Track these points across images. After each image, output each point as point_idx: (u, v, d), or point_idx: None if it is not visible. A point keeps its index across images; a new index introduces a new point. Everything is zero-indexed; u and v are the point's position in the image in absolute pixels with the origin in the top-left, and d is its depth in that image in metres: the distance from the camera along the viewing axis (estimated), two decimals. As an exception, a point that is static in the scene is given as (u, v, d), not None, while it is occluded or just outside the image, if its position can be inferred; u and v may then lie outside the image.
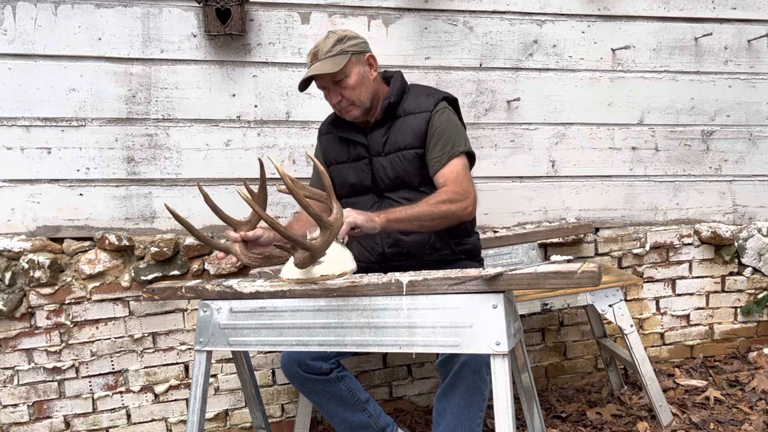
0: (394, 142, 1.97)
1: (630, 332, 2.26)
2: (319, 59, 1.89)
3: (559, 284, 1.30)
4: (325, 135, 2.14)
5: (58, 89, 2.32)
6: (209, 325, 1.64)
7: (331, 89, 1.94)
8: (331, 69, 1.87)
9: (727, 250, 2.85)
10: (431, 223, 1.83)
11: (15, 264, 2.30)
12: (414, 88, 2.06)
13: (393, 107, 1.98)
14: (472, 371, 1.75)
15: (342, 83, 1.91)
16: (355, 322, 1.48)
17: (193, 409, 1.67)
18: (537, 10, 2.61)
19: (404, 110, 1.99)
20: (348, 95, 1.92)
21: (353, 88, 1.92)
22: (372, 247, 2.02)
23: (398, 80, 2.03)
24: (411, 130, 1.95)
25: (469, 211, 1.88)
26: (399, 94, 2.00)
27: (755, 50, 2.80)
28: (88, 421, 2.43)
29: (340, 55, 1.89)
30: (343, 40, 1.91)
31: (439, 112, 1.96)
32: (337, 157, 2.08)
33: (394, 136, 1.97)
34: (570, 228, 2.62)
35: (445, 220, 1.85)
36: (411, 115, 1.97)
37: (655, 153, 2.79)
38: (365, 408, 1.97)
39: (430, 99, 1.98)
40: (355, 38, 1.95)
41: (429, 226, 1.84)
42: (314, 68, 1.89)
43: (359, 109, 1.95)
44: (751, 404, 2.46)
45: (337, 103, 1.95)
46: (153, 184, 2.42)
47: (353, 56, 1.92)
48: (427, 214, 1.80)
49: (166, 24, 2.36)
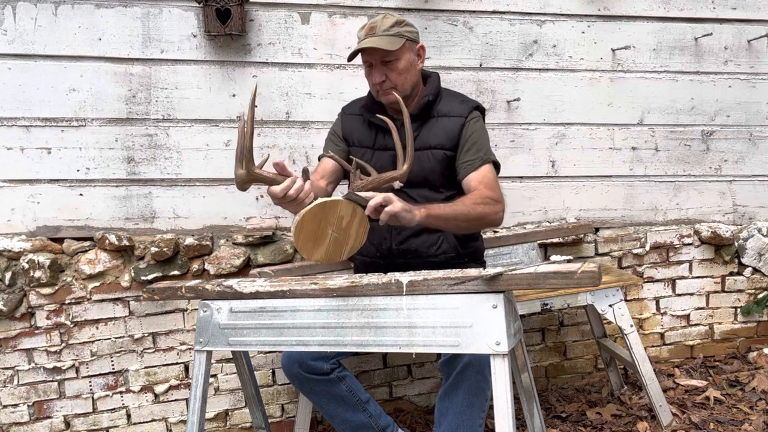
0: (425, 139, 1.99)
1: (630, 332, 2.26)
2: (376, 35, 1.90)
3: (559, 284, 1.30)
4: (350, 115, 2.13)
5: (58, 89, 2.32)
6: (209, 325, 1.64)
7: (377, 67, 1.94)
8: (387, 46, 1.87)
9: (727, 250, 2.85)
10: (466, 224, 1.85)
11: (15, 264, 2.30)
12: (447, 92, 2.10)
13: (429, 106, 2.01)
14: (476, 372, 1.75)
15: (391, 65, 1.92)
16: (355, 322, 1.48)
17: (193, 409, 1.66)
18: (537, 10, 2.61)
19: (438, 111, 2.02)
20: (393, 78, 1.93)
21: (400, 72, 1.93)
22: (380, 243, 2.03)
23: (436, 81, 2.06)
24: (444, 131, 1.98)
25: (500, 217, 1.92)
26: (435, 95, 2.03)
27: (755, 50, 2.80)
28: (88, 421, 2.43)
29: (397, 37, 1.90)
30: (401, 24, 1.94)
31: (474, 120, 2.00)
32: (362, 140, 2.07)
33: (426, 134, 1.99)
34: (570, 228, 2.62)
35: (478, 223, 1.88)
36: (445, 117, 2.00)
37: (655, 153, 2.79)
38: (366, 408, 1.97)
39: (464, 105, 2.02)
40: (411, 26, 1.98)
41: (463, 227, 1.87)
42: (371, 41, 1.89)
43: (399, 94, 1.95)
44: (751, 404, 2.46)
45: (380, 82, 1.95)
46: (153, 184, 2.42)
47: (408, 42, 1.94)
48: (464, 215, 1.83)
49: (166, 24, 2.36)
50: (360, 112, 2.10)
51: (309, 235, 1.62)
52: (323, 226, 1.63)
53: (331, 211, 1.63)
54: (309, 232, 1.62)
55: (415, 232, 1.98)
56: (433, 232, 1.98)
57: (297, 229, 1.60)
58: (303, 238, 1.62)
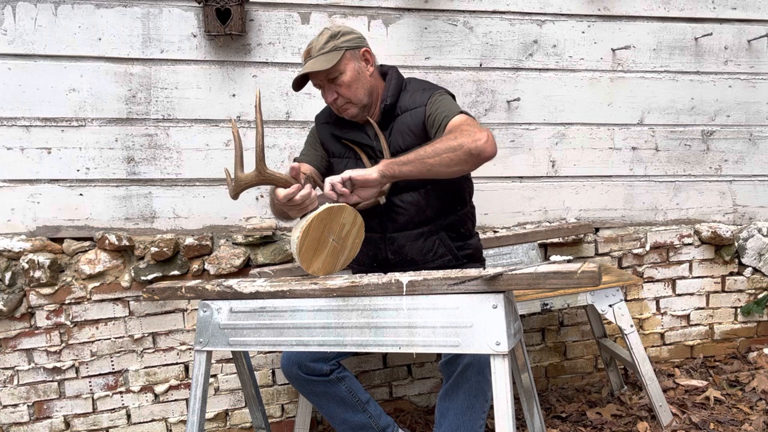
0: (396, 143, 1.91)
1: (630, 332, 2.26)
2: (312, 57, 1.84)
3: (559, 284, 1.30)
4: (323, 124, 2.07)
5: (58, 89, 2.32)
6: (209, 325, 1.64)
7: (327, 87, 1.87)
8: (323, 66, 1.80)
9: (727, 250, 2.85)
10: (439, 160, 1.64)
11: (15, 264, 2.30)
12: (412, 83, 1.99)
13: (391, 108, 1.92)
14: (476, 372, 1.75)
15: (337, 80, 1.84)
16: (355, 322, 1.48)
17: (193, 409, 1.66)
18: (537, 10, 2.61)
19: (401, 108, 1.92)
20: (344, 93, 1.86)
21: (348, 85, 1.85)
22: (375, 253, 1.98)
23: (393, 78, 1.95)
24: (409, 128, 1.89)
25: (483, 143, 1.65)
26: (395, 94, 1.93)
27: (755, 50, 2.80)
28: (88, 421, 2.43)
29: (334, 52, 1.83)
30: (337, 36, 1.85)
31: (434, 98, 1.89)
32: (335, 151, 2.02)
33: (395, 137, 1.91)
34: (570, 228, 2.62)
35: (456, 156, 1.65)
36: (407, 113, 1.91)
37: (655, 153, 2.79)
38: (366, 409, 1.97)
39: (425, 93, 1.91)
40: (350, 33, 1.89)
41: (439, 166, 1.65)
42: (307, 66, 1.83)
43: (357, 107, 1.89)
44: (751, 404, 2.46)
45: (333, 101, 1.88)
46: (153, 184, 2.42)
47: (347, 52, 1.85)
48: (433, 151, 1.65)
49: (166, 24, 2.36)
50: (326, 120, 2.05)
51: (311, 243, 1.60)
52: (325, 235, 1.62)
53: (337, 217, 1.62)
54: (312, 239, 1.60)
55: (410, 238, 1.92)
56: (427, 237, 1.92)
57: (303, 234, 1.57)
58: (306, 246, 1.59)
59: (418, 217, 1.91)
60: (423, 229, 1.92)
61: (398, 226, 1.92)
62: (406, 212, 1.90)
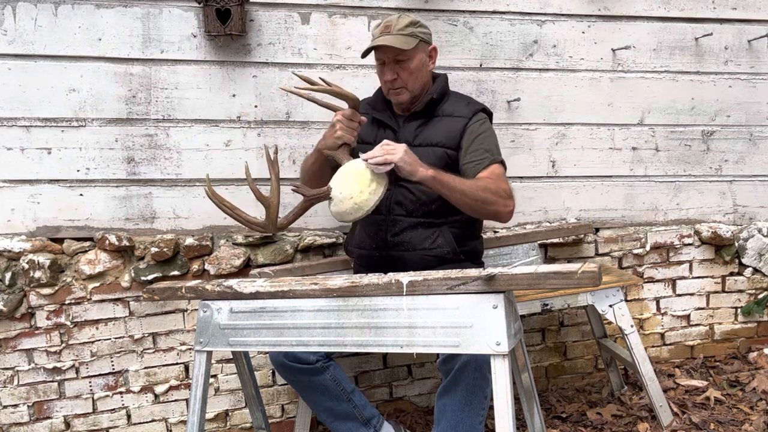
0: (427, 136, 2.03)
1: (630, 332, 2.26)
2: (392, 33, 1.94)
3: (559, 284, 1.30)
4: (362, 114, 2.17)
5: (58, 89, 2.32)
6: (209, 325, 1.64)
7: (390, 66, 1.98)
8: (401, 45, 1.92)
9: (728, 251, 2.85)
10: (472, 202, 1.85)
11: (15, 264, 2.30)
12: (455, 94, 2.15)
13: (433, 104, 2.05)
14: (474, 369, 1.75)
15: (403, 64, 1.96)
16: (355, 323, 1.48)
17: (193, 409, 1.67)
18: (537, 10, 2.60)
19: (443, 111, 2.06)
20: (404, 77, 1.98)
21: (411, 72, 1.97)
22: (375, 233, 2.05)
23: (443, 81, 2.12)
24: (446, 130, 2.02)
25: (508, 211, 1.91)
26: (441, 94, 2.07)
27: (755, 50, 2.80)
28: (88, 422, 2.43)
29: (412, 37, 1.96)
30: (416, 24, 1.99)
31: (480, 121, 2.04)
32: (365, 137, 2.10)
33: (429, 131, 2.03)
34: (570, 228, 2.62)
35: (483, 207, 1.87)
36: (449, 117, 2.04)
37: (655, 153, 2.79)
38: (350, 398, 1.99)
39: (469, 107, 2.06)
40: (426, 27, 2.03)
41: (467, 203, 1.85)
42: (386, 39, 1.93)
43: (409, 94, 2.01)
44: (751, 404, 2.46)
45: (391, 80, 1.99)
46: (153, 185, 2.42)
47: (421, 43, 1.98)
48: (473, 192, 1.84)
49: (166, 24, 2.36)
50: (365, 110, 2.13)
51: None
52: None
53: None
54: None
55: (411, 225, 2.01)
56: (428, 227, 2.00)
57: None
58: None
59: (425, 208, 2.01)
60: (427, 219, 2.01)
61: (404, 211, 2.02)
62: (416, 200, 2.00)
